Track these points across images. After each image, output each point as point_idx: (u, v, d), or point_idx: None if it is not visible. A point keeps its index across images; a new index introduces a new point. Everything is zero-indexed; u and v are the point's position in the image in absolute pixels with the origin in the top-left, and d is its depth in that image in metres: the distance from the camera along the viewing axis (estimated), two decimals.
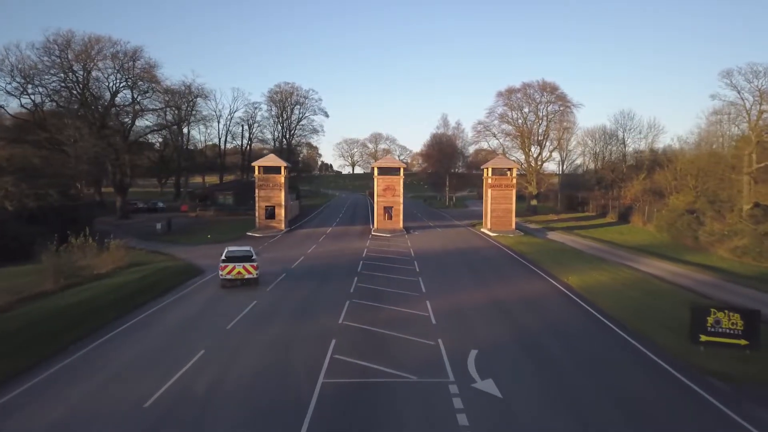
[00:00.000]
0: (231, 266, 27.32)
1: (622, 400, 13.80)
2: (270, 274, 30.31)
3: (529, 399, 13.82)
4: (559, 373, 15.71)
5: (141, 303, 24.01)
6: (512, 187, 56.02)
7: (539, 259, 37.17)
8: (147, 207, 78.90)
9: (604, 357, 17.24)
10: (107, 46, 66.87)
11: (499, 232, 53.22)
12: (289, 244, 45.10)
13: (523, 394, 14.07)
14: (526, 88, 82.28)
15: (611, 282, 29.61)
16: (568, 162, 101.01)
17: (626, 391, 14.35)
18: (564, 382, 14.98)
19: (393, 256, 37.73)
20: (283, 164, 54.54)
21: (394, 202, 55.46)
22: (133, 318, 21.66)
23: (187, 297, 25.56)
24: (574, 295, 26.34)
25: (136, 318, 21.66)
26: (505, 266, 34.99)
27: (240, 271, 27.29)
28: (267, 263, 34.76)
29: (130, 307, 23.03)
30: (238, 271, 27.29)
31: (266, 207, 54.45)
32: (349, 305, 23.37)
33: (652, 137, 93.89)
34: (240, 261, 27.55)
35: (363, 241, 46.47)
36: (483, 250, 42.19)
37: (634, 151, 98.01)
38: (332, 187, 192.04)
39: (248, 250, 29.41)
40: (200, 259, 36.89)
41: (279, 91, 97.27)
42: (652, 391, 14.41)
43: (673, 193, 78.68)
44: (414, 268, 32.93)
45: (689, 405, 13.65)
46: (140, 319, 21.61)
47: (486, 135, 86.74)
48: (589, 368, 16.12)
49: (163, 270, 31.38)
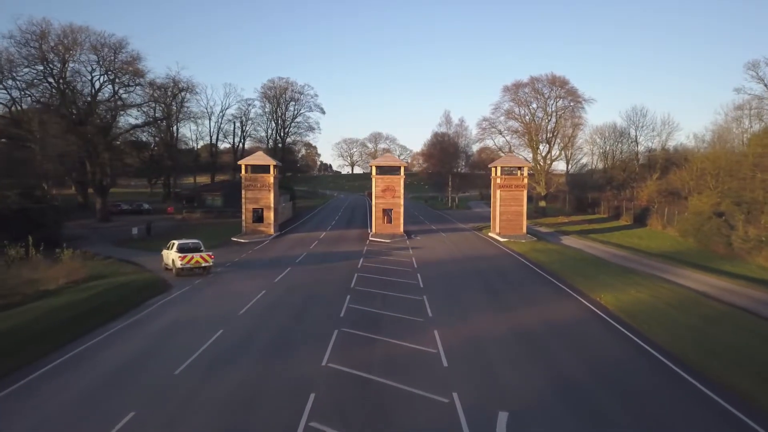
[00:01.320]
0: (189, 255, 30.09)
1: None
2: (245, 293, 25.52)
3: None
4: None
5: (78, 334, 19.15)
6: (523, 188, 51.25)
7: (560, 271, 32.39)
8: (131, 209, 74.13)
9: (680, 419, 12.48)
10: (86, 36, 62.11)
11: (509, 236, 48.45)
12: (276, 251, 40.31)
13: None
14: (534, 82, 77.66)
15: (652, 301, 24.83)
16: (574, 161, 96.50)
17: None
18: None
19: (393, 267, 32.95)
20: (272, 163, 49.76)
21: (394, 204, 50.68)
22: (57, 358, 16.78)
23: (138, 324, 20.73)
24: (614, 320, 21.55)
25: (61, 358, 16.77)
26: (523, 280, 30.17)
27: (198, 260, 30.20)
28: (245, 276, 30.04)
29: (60, 341, 18.17)
30: (196, 260, 30.15)
31: (254, 210, 49.67)
32: (338, 337, 18.59)
33: (666, 135, 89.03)
34: (192, 252, 30.60)
35: (359, 247, 41.67)
36: (494, 259, 37.38)
37: (646, 150, 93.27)
38: (331, 187, 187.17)
39: (197, 241, 32.44)
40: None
41: (273, 87, 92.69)
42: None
43: (692, 193, 74.05)
44: (417, 283, 28.13)
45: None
46: (65, 359, 16.73)
47: (491, 132, 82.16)
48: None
49: (122, 286, 26.56)
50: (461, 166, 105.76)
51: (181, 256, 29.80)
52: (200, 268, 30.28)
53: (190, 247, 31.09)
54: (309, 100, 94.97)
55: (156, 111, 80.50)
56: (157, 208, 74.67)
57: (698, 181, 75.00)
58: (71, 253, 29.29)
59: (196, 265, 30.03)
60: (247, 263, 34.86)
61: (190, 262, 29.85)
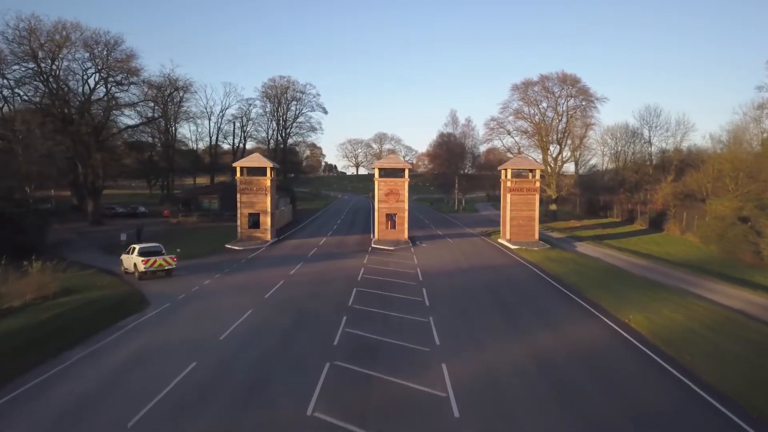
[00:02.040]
0: (152, 259, 30.79)
1: None
2: (229, 312, 22.74)
3: None
4: None
5: (19, 369, 16.25)
6: (535, 192, 48.27)
7: (580, 285, 29.45)
8: (126, 212, 71.59)
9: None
10: (80, 34, 59.59)
11: (521, 243, 45.51)
12: (271, 260, 37.54)
13: None
14: (545, 80, 74.60)
15: (688, 323, 21.89)
16: (583, 162, 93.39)
17: None
18: None
19: (396, 280, 30.08)
20: (269, 165, 47.00)
21: (398, 208, 47.81)
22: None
23: (99, 354, 17.95)
24: (649, 349, 18.65)
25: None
26: (540, 296, 27.23)
27: (161, 263, 30.98)
28: (233, 291, 27.26)
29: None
30: (159, 264, 30.91)
31: (249, 215, 46.92)
32: (329, 373, 15.78)
33: (681, 135, 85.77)
34: (154, 255, 31.20)
35: (360, 256, 38.83)
36: (506, 270, 34.44)
37: (659, 151, 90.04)
38: (335, 188, 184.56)
39: (158, 245, 32.89)
40: (155, 284, 29.44)
41: (274, 86, 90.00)
42: None
43: (709, 196, 70.82)
44: (422, 301, 25.27)
45: None
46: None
47: (500, 132, 79.08)
48: None
49: (92, 304, 23.85)
50: (468, 166, 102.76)
51: (144, 260, 30.47)
52: (163, 270, 31.10)
53: (152, 251, 31.73)
54: (311, 100, 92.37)
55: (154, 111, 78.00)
56: (154, 211, 72.11)
57: (715, 184, 71.86)
58: (40, 265, 26.52)
59: (159, 268, 30.93)
60: (237, 275, 32.09)
61: (153, 265, 30.68)
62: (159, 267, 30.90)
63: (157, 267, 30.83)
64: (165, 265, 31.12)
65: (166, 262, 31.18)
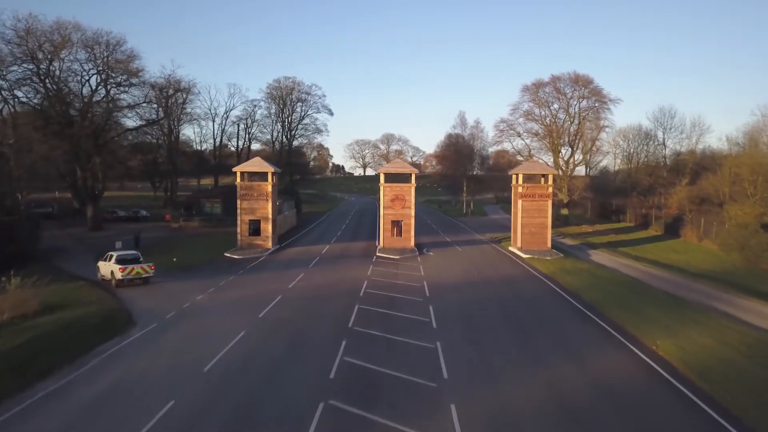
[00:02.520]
0: (129, 267, 30.57)
1: None
2: (220, 335, 20.91)
3: None
4: None
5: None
6: (548, 198, 46.16)
7: (599, 302, 27.39)
8: (128, 216, 70.09)
9: None
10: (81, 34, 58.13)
11: (533, 252, 43.48)
12: (270, 272, 35.73)
13: None
14: (556, 81, 72.43)
15: (723, 350, 19.83)
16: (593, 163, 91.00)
17: None
18: None
19: (401, 296, 28.17)
20: (270, 170, 45.22)
21: (404, 215, 45.88)
22: None
23: (67, 390, 16.08)
24: (684, 385, 16.62)
25: None
26: (557, 315, 25.18)
27: (138, 271, 30.80)
28: (227, 308, 25.45)
29: None
30: (136, 272, 30.74)
31: (250, 221, 45.16)
32: (322, 417, 13.88)
33: (696, 137, 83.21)
34: (132, 263, 30.94)
35: (364, 267, 36.94)
36: (519, 284, 32.39)
37: (673, 153, 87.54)
38: (342, 189, 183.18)
39: (136, 253, 32.95)
40: (144, 299, 27.72)
41: (278, 87, 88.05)
42: None
43: (727, 201, 68.35)
44: (429, 321, 23.32)
45: None
46: None
47: (510, 135, 76.92)
48: None
49: (73, 325, 22.10)
50: (476, 168, 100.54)
51: (121, 268, 30.27)
52: (141, 278, 30.89)
53: (130, 258, 31.43)
54: (317, 101, 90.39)
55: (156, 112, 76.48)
56: (157, 215, 70.59)
57: (733, 188, 69.34)
58: (19, 281, 24.87)
59: (137, 276, 30.73)
60: (233, 289, 30.26)
61: (130, 273, 30.46)
62: (136, 275, 30.70)
63: (135, 275, 30.63)
64: (142, 273, 30.91)
65: (144, 270, 30.97)
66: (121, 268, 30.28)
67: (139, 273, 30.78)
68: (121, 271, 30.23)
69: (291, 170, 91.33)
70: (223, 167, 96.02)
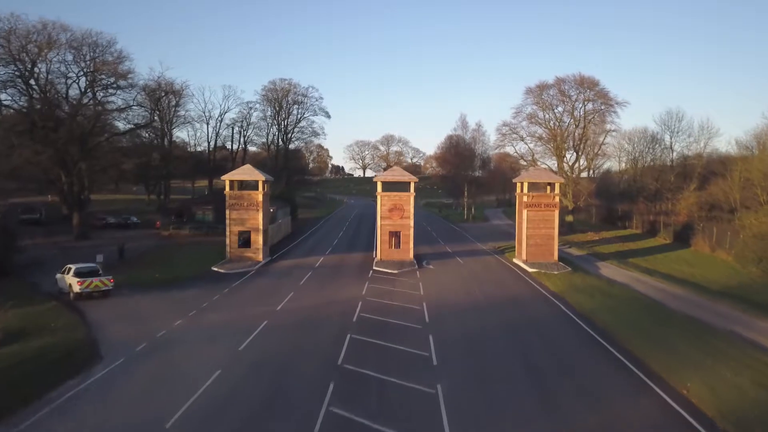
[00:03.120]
0: (88, 280, 29.72)
1: None
2: (193, 375, 18.45)
3: None
4: None
5: None
6: (554, 208, 43.72)
7: (615, 329, 24.92)
8: (117, 222, 67.57)
9: None
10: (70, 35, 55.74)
11: (539, 265, 41.07)
12: (258, 290, 33.26)
13: None
14: (561, 83, 70.06)
15: (761, 394, 17.42)
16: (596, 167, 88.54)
17: None
18: None
19: (398, 322, 25.70)
20: (261, 178, 42.79)
21: (402, 225, 43.44)
22: None
23: None
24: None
25: None
26: (572, 348, 22.56)
27: (97, 284, 29.99)
28: (206, 337, 22.97)
29: None
30: (95, 285, 29.90)
31: (239, 232, 42.73)
32: None
33: (705, 141, 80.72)
34: (90, 276, 30.06)
35: (359, 284, 34.48)
36: (527, 306, 29.80)
37: (680, 156, 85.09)
38: (341, 191, 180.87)
39: (95, 266, 31.77)
40: (117, 324, 25.23)
41: (274, 89, 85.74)
42: None
43: (738, 208, 65.91)
44: (429, 357, 20.83)
45: None
46: None
47: (512, 138, 74.49)
48: None
49: (31, 360, 19.67)
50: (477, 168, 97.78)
51: (80, 281, 29.47)
52: (99, 292, 30.10)
53: (88, 271, 30.53)
54: (313, 104, 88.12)
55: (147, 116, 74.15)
56: (148, 221, 68.10)
57: (744, 194, 66.88)
58: None
59: (96, 290, 29.95)
60: (215, 312, 27.75)
61: (89, 287, 29.68)
62: (95, 288, 29.91)
63: (93, 288, 29.85)
64: (101, 287, 30.12)
65: (103, 283, 30.21)
66: (79, 282, 29.38)
67: (98, 286, 29.91)
68: (79, 285, 29.32)
69: (287, 174, 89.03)
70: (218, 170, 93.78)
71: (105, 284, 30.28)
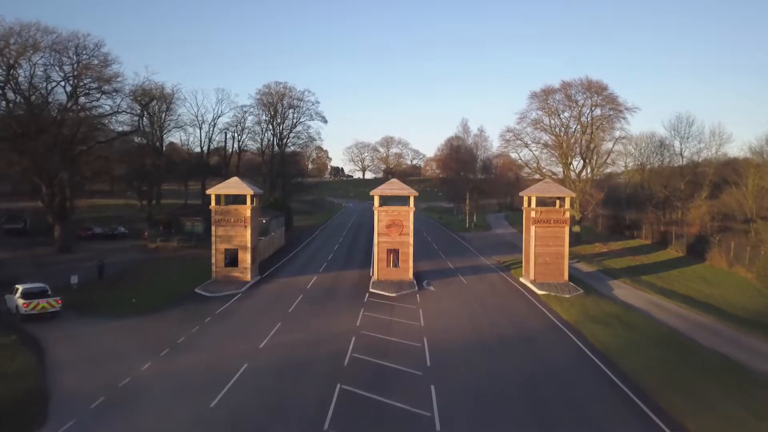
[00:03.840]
0: (34, 302, 28.51)
1: None
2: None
3: None
4: None
5: None
6: (564, 224, 40.72)
7: (642, 376, 21.83)
8: (104, 233, 64.51)
9: None
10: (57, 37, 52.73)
11: (548, 287, 38.15)
12: (242, 320, 30.17)
13: None
14: (567, 87, 67.05)
15: None
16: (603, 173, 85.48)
17: None
18: None
19: (395, 367, 22.61)
20: (249, 192, 39.79)
21: (401, 242, 40.43)
22: None
23: None
24: None
25: None
26: (598, 408, 19.51)
27: (44, 306, 28.81)
28: (171, 393, 19.91)
29: None
30: (42, 306, 28.72)
31: (226, 250, 39.73)
32: None
33: (716, 147, 77.63)
34: (38, 297, 28.91)
35: (353, 312, 31.42)
36: (540, 344, 26.53)
37: (690, 163, 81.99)
38: (340, 194, 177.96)
39: (44, 286, 30.14)
40: (76, 368, 22.20)
41: (269, 92, 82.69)
42: None
43: (755, 218, 62.95)
44: (432, 419, 17.74)
45: None
46: None
47: (516, 145, 71.48)
48: None
49: None
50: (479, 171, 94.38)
51: (25, 303, 28.53)
52: (48, 313, 29.04)
53: (36, 291, 29.49)
54: (309, 108, 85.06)
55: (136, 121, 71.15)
56: (137, 230, 65.00)
57: (760, 203, 63.95)
58: None
59: (43, 311, 28.91)
60: (190, 352, 24.60)
61: (35, 308, 28.70)
62: (42, 310, 28.85)
63: (40, 310, 28.80)
64: (48, 308, 29.04)
65: (50, 304, 29.10)
66: (25, 303, 28.38)
67: (45, 308, 28.87)
68: (25, 306, 28.34)
69: (283, 181, 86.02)
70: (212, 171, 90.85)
71: (52, 305, 29.11)
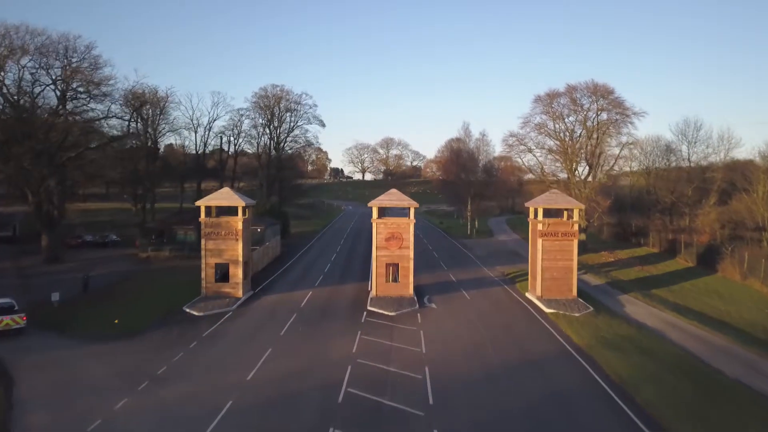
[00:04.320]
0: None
1: None
2: None
3: None
4: None
5: None
6: (573, 237, 38.74)
7: (662, 411, 19.95)
8: (95, 241, 62.63)
9: None
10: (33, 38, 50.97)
11: (556, 303, 36.20)
12: (231, 345, 28.12)
13: None
14: (572, 91, 65.05)
15: None
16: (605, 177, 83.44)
17: None
18: None
19: (394, 405, 20.59)
20: (241, 203, 37.82)
21: (401, 257, 38.45)
22: None
23: None
24: None
25: None
26: None
27: (8, 323, 28.04)
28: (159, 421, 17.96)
29: None
30: (6, 324, 27.95)
31: (216, 265, 37.74)
32: None
33: (725, 152, 75.75)
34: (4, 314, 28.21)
35: (350, 334, 29.43)
36: (552, 373, 24.44)
37: (697, 168, 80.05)
38: (339, 196, 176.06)
39: (9, 301, 29.63)
40: (45, 405, 20.28)
41: (266, 96, 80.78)
42: None
43: (767, 226, 61.05)
44: None
45: None
46: None
47: (520, 150, 69.52)
48: None
49: None
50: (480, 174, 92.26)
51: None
52: (12, 330, 28.21)
53: (1, 308, 28.81)
54: (307, 111, 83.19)
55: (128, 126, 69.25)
56: (129, 237, 63.17)
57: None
58: None
59: (6, 329, 28.12)
60: (171, 385, 22.59)
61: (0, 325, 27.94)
62: (6, 327, 28.05)
63: (4, 327, 28.02)
64: (12, 325, 28.29)
65: (14, 321, 28.42)
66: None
67: (8, 325, 28.12)
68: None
69: (280, 184, 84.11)
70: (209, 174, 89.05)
71: (17, 322, 28.37)
